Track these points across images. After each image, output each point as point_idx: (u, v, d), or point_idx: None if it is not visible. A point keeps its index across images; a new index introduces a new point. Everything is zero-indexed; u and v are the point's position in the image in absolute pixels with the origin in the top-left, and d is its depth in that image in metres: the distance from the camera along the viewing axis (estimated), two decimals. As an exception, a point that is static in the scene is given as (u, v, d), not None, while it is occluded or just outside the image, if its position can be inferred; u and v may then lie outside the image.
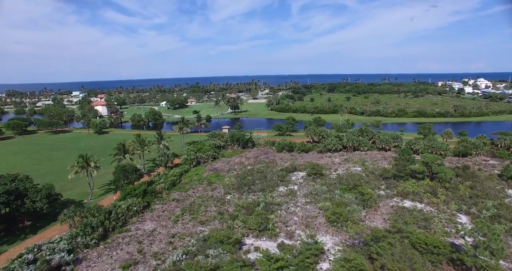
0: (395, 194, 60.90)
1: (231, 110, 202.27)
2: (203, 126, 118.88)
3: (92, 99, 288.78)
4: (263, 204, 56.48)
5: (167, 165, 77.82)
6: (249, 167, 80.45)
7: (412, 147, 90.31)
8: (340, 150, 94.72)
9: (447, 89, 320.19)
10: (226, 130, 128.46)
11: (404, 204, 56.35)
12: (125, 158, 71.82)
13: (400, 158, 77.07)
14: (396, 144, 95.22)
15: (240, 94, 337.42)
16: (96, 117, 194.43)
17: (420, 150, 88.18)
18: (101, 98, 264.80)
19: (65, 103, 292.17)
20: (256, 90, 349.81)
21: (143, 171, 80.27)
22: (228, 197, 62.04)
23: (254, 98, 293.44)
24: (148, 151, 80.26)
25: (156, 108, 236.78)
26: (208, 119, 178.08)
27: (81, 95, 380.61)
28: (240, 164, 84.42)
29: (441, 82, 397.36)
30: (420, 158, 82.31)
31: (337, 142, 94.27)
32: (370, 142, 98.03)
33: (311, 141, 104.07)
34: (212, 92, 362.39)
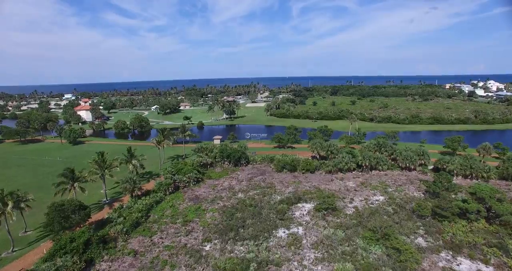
0: (441, 245, 43.16)
1: (227, 116, 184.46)
2: (188, 137, 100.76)
3: (81, 102, 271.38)
4: (255, 264, 38.94)
5: (134, 193, 59.96)
6: (240, 195, 62.85)
7: (445, 166, 72.54)
8: (354, 169, 77.03)
9: (457, 91, 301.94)
10: (217, 141, 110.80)
11: (460, 266, 38.65)
12: (74, 187, 54.05)
13: (435, 186, 59.58)
14: (423, 162, 77.42)
15: (239, 97, 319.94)
16: (79, 123, 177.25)
17: (455, 171, 70.35)
18: (85, 102, 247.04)
19: (51, 106, 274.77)
20: (255, 93, 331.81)
21: (105, 200, 62.62)
22: (207, 248, 44.40)
23: (253, 102, 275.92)
24: (110, 176, 62.22)
25: (146, 112, 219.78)
26: (201, 126, 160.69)
27: (73, 98, 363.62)
28: (229, 189, 66.70)
29: (449, 85, 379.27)
30: (458, 182, 64.99)
31: (350, 159, 76.41)
32: (389, 159, 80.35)
33: (317, 157, 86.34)
34: (209, 95, 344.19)
